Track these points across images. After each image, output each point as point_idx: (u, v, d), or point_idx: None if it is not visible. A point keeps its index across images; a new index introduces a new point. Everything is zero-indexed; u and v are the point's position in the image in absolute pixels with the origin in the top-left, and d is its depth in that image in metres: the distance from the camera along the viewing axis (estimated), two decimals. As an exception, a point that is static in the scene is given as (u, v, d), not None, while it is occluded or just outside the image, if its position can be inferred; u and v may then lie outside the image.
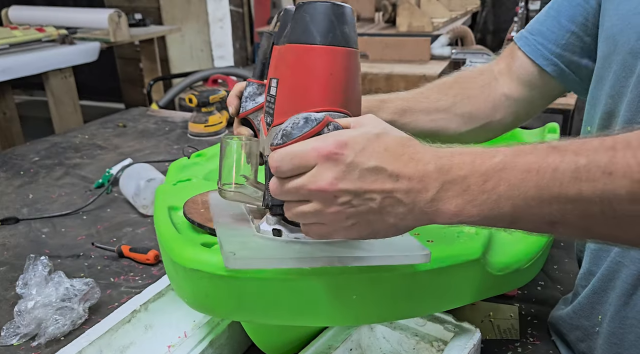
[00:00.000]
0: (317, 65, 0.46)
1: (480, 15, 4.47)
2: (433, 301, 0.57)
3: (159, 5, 3.94)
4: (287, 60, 0.47)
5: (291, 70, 0.47)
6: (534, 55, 0.67)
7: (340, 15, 0.46)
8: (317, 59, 0.46)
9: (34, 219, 1.05)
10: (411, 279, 0.54)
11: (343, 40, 0.46)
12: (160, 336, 0.69)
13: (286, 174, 0.40)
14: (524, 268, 0.64)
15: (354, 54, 0.47)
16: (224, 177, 0.51)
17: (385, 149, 0.39)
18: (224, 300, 0.51)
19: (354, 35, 0.47)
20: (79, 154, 1.43)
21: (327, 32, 0.45)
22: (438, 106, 0.69)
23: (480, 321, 0.70)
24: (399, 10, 2.94)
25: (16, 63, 2.28)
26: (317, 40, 0.45)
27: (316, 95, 0.46)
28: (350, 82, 0.47)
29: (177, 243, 0.53)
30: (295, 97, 0.47)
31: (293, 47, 0.46)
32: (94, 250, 0.93)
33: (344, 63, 0.46)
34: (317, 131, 0.41)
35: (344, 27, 0.46)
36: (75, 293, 0.74)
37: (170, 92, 2.59)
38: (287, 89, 0.47)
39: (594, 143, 0.36)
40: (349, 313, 0.54)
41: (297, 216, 0.42)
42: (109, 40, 2.72)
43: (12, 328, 0.71)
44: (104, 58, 2.84)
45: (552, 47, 0.66)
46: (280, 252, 0.47)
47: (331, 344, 0.62)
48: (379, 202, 0.39)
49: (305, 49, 0.46)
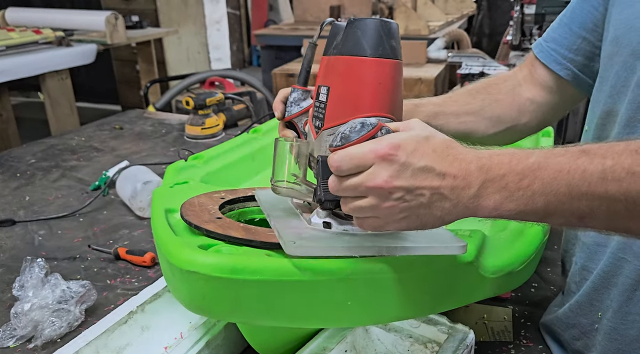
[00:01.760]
0: (367, 76, 0.51)
1: (476, 19, 4.50)
2: (425, 303, 0.58)
3: (156, 8, 3.95)
4: (338, 70, 0.52)
5: (342, 79, 0.52)
6: (548, 61, 0.71)
7: (388, 30, 0.52)
8: (367, 70, 0.51)
9: (30, 221, 1.05)
10: (402, 281, 0.54)
11: (391, 53, 0.52)
12: (156, 337, 0.69)
13: (345, 172, 0.45)
14: (517, 271, 0.64)
15: (399, 65, 0.53)
16: (277, 174, 0.55)
17: (433, 151, 0.44)
18: (220, 302, 0.52)
19: (399, 48, 0.53)
20: (75, 156, 1.43)
21: (377, 45, 0.51)
22: (467, 109, 0.73)
23: (474, 323, 0.71)
24: (395, 14, 2.95)
25: (13, 65, 2.28)
26: (367, 53, 0.51)
27: (366, 102, 0.51)
28: (396, 91, 0.53)
29: (173, 245, 0.53)
30: (346, 104, 0.52)
31: (345, 59, 0.52)
32: (90, 252, 0.93)
33: (391, 73, 0.52)
34: (372, 134, 0.46)
35: (391, 42, 0.52)
36: (72, 295, 0.74)
37: (167, 95, 2.60)
38: (338, 96, 0.52)
39: (620, 146, 0.41)
40: (343, 315, 0.54)
41: (354, 210, 0.46)
42: (106, 42, 2.72)
43: (8, 330, 0.71)
44: (101, 60, 2.84)
45: (565, 53, 0.69)
46: (332, 242, 0.52)
47: (326, 346, 0.63)
48: (428, 197, 0.43)
49: (357, 60, 0.51)
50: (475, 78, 2.12)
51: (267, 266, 0.49)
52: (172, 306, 0.70)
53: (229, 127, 1.69)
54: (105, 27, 2.69)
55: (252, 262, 0.49)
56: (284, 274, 0.49)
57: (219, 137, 1.54)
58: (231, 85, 2.76)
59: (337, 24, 0.56)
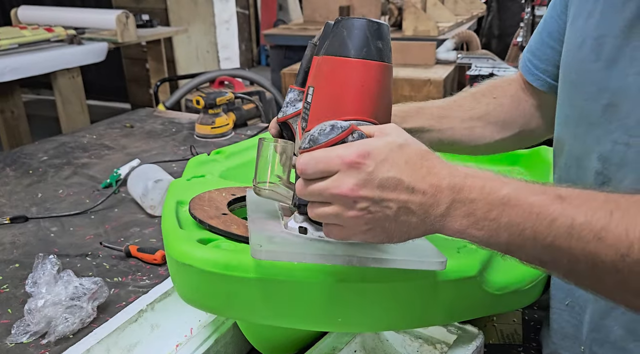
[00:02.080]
0: (350, 77, 0.49)
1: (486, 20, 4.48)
2: (422, 315, 0.57)
3: (166, 7, 3.97)
4: (323, 71, 0.51)
5: (326, 80, 0.50)
6: (524, 71, 0.70)
7: (375, 31, 0.49)
8: (350, 71, 0.49)
9: (42, 218, 1.07)
10: (397, 291, 0.53)
11: (376, 55, 0.49)
12: (166, 336, 0.70)
13: (311, 176, 0.43)
14: (524, 289, 0.63)
15: (386, 68, 0.50)
16: (259, 176, 0.54)
17: (405, 161, 0.42)
18: (213, 296, 0.52)
19: (388, 50, 0.51)
20: (87, 153, 1.44)
21: (362, 46, 0.49)
22: (472, 114, 0.71)
23: (484, 325, 0.71)
24: (404, 15, 2.95)
25: (25, 62, 2.31)
26: (351, 53, 0.49)
27: (348, 104, 0.49)
28: (381, 94, 0.50)
29: (174, 237, 0.54)
30: (328, 105, 0.50)
31: (329, 59, 0.50)
32: (102, 249, 0.94)
33: (375, 76, 0.49)
34: (342, 138, 0.44)
35: (378, 43, 0.49)
36: (84, 291, 0.75)
37: (176, 93, 2.61)
38: (322, 97, 0.51)
39: (598, 201, 0.38)
40: (335, 318, 0.54)
41: (319, 217, 0.44)
42: (117, 40, 2.74)
43: (22, 326, 0.72)
44: (111, 58, 2.86)
45: (538, 63, 0.68)
46: (303, 248, 0.50)
47: (335, 346, 0.63)
48: (395, 211, 0.42)
49: (341, 61, 0.49)
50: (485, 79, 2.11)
51: (261, 265, 0.50)
52: (181, 304, 0.70)
53: (239, 127, 1.70)
54: (116, 26, 2.71)
55: (246, 259, 0.50)
56: (277, 273, 0.50)
57: (229, 137, 1.54)
58: (240, 84, 2.77)
59: (329, 24, 0.54)
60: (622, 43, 0.50)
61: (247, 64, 5.85)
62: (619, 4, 0.50)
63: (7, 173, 1.31)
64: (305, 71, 0.61)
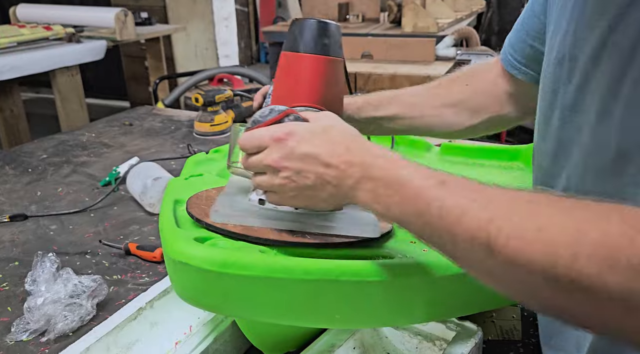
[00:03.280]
0: (300, 69, 0.57)
1: (485, 16, 4.47)
2: (423, 310, 0.57)
3: (165, 4, 3.96)
4: (281, 64, 0.59)
5: (282, 72, 0.59)
6: (505, 63, 0.72)
7: (323, 29, 0.58)
8: (300, 64, 0.57)
9: (42, 216, 1.07)
10: (394, 286, 0.53)
11: (321, 50, 0.57)
12: (165, 333, 0.70)
13: (249, 150, 0.51)
14: None
15: (333, 61, 0.58)
16: (232, 156, 0.61)
17: (325, 141, 0.49)
18: (210, 294, 0.52)
19: (336, 47, 0.59)
20: (86, 152, 1.44)
21: (309, 43, 0.57)
22: (444, 101, 0.74)
23: (483, 321, 0.71)
24: (404, 11, 2.94)
25: (24, 61, 2.30)
26: (300, 49, 0.57)
27: (298, 93, 0.57)
28: (329, 85, 0.58)
29: (170, 235, 0.54)
30: (284, 94, 0.58)
31: (285, 54, 0.59)
32: (101, 247, 0.94)
33: (322, 68, 0.58)
34: (278, 119, 0.52)
35: (324, 40, 0.58)
36: (84, 289, 0.75)
37: (175, 91, 2.61)
38: (279, 87, 0.59)
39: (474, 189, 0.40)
40: (332, 316, 0.54)
41: (258, 185, 0.52)
42: (115, 38, 2.73)
43: (22, 324, 0.72)
44: (110, 56, 2.85)
45: (519, 58, 0.70)
46: (253, 214, 0.57)
47: (334, 343, 0.63)
48: (313, 180, 0.48)
49: (292, 56, 0.58)
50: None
51: (258, 262, 0.50)
52: (180, 302, 0.70)
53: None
54: (114, 24, 2.71)
55: (243, 257, 0.50)
56: (274, 271, 0.50)
57: (228, 134, 1.54)
58: (239, 82, 2.76)
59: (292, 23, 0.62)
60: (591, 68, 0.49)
61: (246, 61, 5.84)
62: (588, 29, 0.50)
63: (6, 171, 1.31)
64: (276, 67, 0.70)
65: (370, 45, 2.69)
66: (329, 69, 0.58)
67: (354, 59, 2.69)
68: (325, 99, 0.58)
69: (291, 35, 0.58)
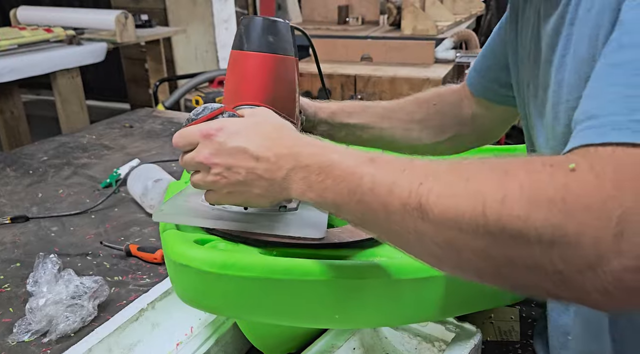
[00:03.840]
0: (244, 67, 0.56)
1: (485, 19, 4.48)
2: (422, 310, 0.58)
3: (165, 7, 3.96)
4: (229, 63, 0.58)
5: (230, 71, 0.58)
6: (469, 83, 0.76)
7: (268, 27, 0.56)
8: (244, 62, 0.56)
9: (43, 218, 1.07)
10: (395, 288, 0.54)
11: (267, 47, 0.56)
12: (167, 334, 0.70)
13: (182, 148, 0.51)
14: None
15: (278, 59, 0.57)
16: None
17: (256, 134, 0.48)
18: (210, 295, 0.53)
19: (284, 44, 0.57)
20: (86, 154, 1.45)
21: (254, 40, 0.56)
22: (413, 117, 0.78)
23: (482, 322, 0.71)
24: (403, 14, 2.95)
25: (24, 63, 2.31)
26: (244, 47, 0.56)
27: (242, 91, 0.56)
28: (276, 82, 0.57)
29: (171, 238, 0.55)
30: (230, 93, 0.57)
31: (232, 52, 0.58)
32: (102, 249, 0.95)
33: (266, 66, 0.56)
34: (212, 116, 0.51)
35: (269, 37, 0.56)
36: (85, 290, 0.75)
37: (176, 93, 2.61)
38: (227, 85, 0.58)
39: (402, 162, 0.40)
40: (331, 316, 0.55)
41: (194, 184, 0.51)
42: (116, 41, 2.74)
43: (23, 325, 0.72)
44: (110, 58, 2.86)
45: (483, 81, 0.74)
46: (199, 214, 0.56)
47: (334, 343, 0.64)
48: (244, 176, 0.48)
49: (237, 54, 0.57)
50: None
51: (257, 263, 0.50)
52: (181, 303, 0.71)
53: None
54: (115, 26, 2.71)
55: (243, 258, 0.50)
56: (273, 272, 0.50)
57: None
58: (239, 84, 2.76)
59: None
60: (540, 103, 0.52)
61: (246, 63, 5.84)
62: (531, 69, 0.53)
63: (7, 173, 1.32)
64: None
65: (370, 47, 2.70)
66: (275, 67, 0.56)
67: (353, 61, 2.69)
68: (273, 97, 0.57)
69: (237, 34, 0.57)
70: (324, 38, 2.89)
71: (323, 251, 0.57)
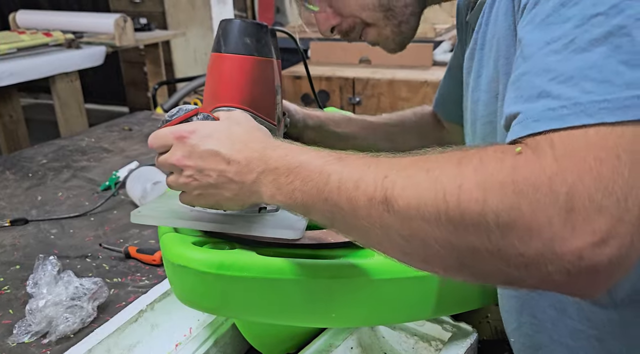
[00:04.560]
0: (221, 69, 0.56)
1: (483, 21, 4.49)
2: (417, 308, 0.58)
3: (164, 10, 3.97)
4: (208, 65, 0.58)
5: (209, 73, 0.58)
6: (435, 108, 0.81)
7: (245, 29, 0.56)
8: (221, 64, 0.56)
9: (42, 221, 1.08)
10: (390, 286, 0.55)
11: (244, 49, 0.56)
12: (166, 335, 0.71)
13: (157, 150, 0.51)
14: None
15: (254, 61, 0.57)
16: None
17: (227, 137, 0.48)
18: (208, 296, 0.54)
19: (262, 47, 0.57)
20: (85, 157, 1.45)
21: (231, 42, 0.56)
22: (385, 136, 0.82)
23: (478, 321, 0.72)
24: (401, 16, 2.95)
25: (24, 67, 2.31)
26: (222, 49, 0.56)
27: (220, 93, 0.56)
28: (254, 85, 0.57)
29: (169, 239, 0.56)
30: (209, 95, 0.57)
31: (211, 55, 0.58)
32: (101, 251, 0.95)
33: (243, 68, 0.56)
34: (185, 118, 0.51)
35: (246, 39, 0.56)
36: (85, 292, 0.76)
37: (174, 96, 2.62)
38: (206, 88, 0.59)
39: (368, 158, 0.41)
40: (327, 315, 0.56)
41: (169, 184, 0.52)
42: (115, 44, 2.75)
43: (23, 326, 0.73)
44: (109, 62, 2.87)
45: (445, 103, 0.79)
46: (178, 216, 0.56)
47: (332, 343, 0.64)
48: (215, 178, 0.48)
49: (215, 56, 0.57)
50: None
51: (255, 263, 0.51)
52: (180, 304, 0.72)
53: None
54: (114, 30, 2.72)
55: (240, 259, 0.51)
56: (271, 272, 0.51)
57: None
58: (238, 87, 2.77)
59: None
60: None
61: (245, 66, 5.85)
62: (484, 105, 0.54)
63: (6, 176, 1.32)
64: None
65: (368, 50, 2.71)
66: (251, 69, 0.56)
67: (352, 64, 2.70)
68: (251, 99, 0.57)
69: (216, 36, 0.57)
70: (322, 41, 2.90)
71: (320, 251, 0.58)
